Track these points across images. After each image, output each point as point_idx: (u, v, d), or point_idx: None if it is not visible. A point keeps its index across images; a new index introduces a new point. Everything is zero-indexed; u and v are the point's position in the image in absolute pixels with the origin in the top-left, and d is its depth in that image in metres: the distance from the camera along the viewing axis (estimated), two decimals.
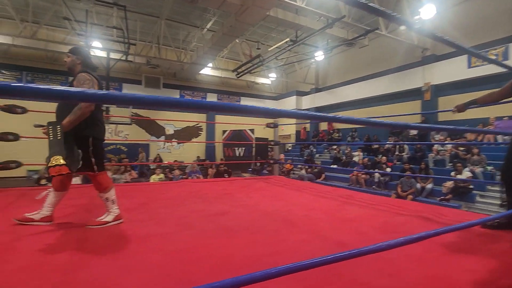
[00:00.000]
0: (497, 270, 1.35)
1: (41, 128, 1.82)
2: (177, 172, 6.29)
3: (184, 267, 1.38)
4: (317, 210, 2.64)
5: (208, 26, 10.51)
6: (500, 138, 6.61)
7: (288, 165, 7.92)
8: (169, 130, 14.02)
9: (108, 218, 2.02)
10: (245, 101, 15.82)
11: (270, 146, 14.85)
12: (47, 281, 1.20)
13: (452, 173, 5.83)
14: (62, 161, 1.66)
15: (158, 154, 13.43)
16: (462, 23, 8.72)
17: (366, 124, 1.17)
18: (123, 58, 9.81)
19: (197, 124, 14.65)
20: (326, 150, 12.31)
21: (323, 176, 8.97)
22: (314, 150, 12.26)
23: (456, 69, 8.79)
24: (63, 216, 2.15)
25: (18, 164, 3.19)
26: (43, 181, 5.18)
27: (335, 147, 11.27)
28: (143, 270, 1.33)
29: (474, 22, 8.52)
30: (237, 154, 14.17)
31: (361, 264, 1.32)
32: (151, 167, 12.04)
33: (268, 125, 5.03)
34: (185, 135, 14.38)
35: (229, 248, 1.63)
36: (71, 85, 1.99)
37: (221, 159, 13.56)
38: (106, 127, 2.42)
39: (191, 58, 11.68)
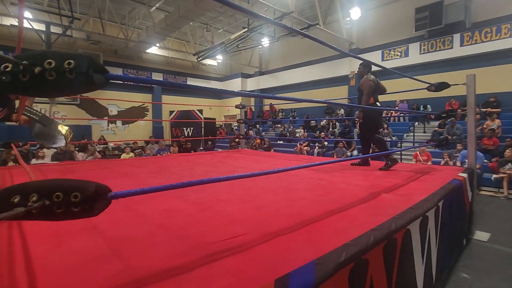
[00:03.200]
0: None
1: None
2: (148, 151, 6.66)
3: (252, 193, 2.31)
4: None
5: (158, 5, 10.39)
6: (401, 118, 8.98)
7: (258, 139, 9.03)
8: (112, 111, 13.43)
9: None
10: (191, 82, 16.00)
11: (219, 126, 15.64)
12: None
13: None
14: None
15: (102, 136, 12.87)
16: (379, 24, 10.82)
17: (313, 102, 2.21)
18: (62, 32, 9.10)
19: (143, 104, 14.33)
20: (270, 128, 13.76)
21: (272, 150, 10.34)
22: (260, 128, 13.57)
23: (373, 61, 10.98)
24: None
25: None
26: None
27: (279, 125, 12.77)
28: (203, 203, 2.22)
29: (387, 24, 10.68)
30: (186, 134, 14.54)
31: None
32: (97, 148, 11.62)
33: (237, 106, 5.91)
34: (130, 116, 13.97)
35: (267, 183, 2.60)
36: None
37: (180, 137, 13.72)
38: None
39: (139, 36, 11.35)
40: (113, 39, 11.45)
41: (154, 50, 13.18)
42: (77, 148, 6.37)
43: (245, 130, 6.49)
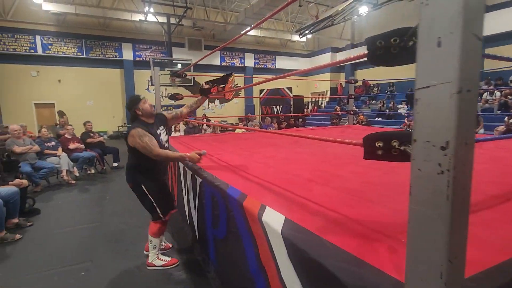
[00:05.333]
0: None
1: None
2: (257, 126, 7.33)
3: None
4: None
5: None
6: None
7: (361, 116, 8.80)
8: None
9: (156, 262, 2.27)
10: (280, 60, 16.20)
11: (306, 103, 15.60)
12: None
13: (506, 119, 6.59)
14: None
15: (204, 113, 14.47)
16: None
17: None
18: (178, 22, 10.33)
19: (236, 84, 15.31)
20: (364, 105, 13.00)
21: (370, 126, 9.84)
22: (354, 105, 12.95)
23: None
24: None
25: None
26: None
27: (374, 101, 11.94)
28: None
29: None
30: (275, 111, 15.01)
31: None
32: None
33: (348, 81, 5.81)
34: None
35: None
36: None
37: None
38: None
39: (237, 18, 12.00)
40: (213, 24, 12.41)
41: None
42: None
43: (353, 106, 6.35)
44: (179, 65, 11.97)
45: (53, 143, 4.92)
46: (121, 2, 11.32)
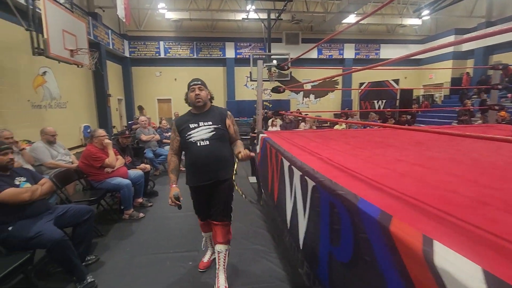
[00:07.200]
0: None
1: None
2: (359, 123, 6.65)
3: None
4: None
5: None
6: None
7: (503, 113, 6.92)
8: (307, 86, 14.43)
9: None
10: (385, 49, 14.37)
11: (416, 97, 13.34)
12: None
13: None
14: None
15: (298, 109, 14.24)
16: None
17: None
18: (277, 16, 10.32)
19: (334, 77, 14.43)
20: (502, 99, 10.14)
21: None
22: (488, 99, 10.30)
23: None
24: None
25: None
26: None
27: None
28: None
29: None
30: (377, 107, 13.42)
31: None
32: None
33: (495, 67, 4.45)
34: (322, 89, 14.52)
35: None
36: None
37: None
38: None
39: (338, 7, 11.17)
40: (312, 15, 11.90)
41: (348, 20, 12.65)
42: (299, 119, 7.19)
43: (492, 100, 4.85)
44: (274, 61, 12.04)
45: (169, 133, 5.56)
46: (227, 3, 12.11)
